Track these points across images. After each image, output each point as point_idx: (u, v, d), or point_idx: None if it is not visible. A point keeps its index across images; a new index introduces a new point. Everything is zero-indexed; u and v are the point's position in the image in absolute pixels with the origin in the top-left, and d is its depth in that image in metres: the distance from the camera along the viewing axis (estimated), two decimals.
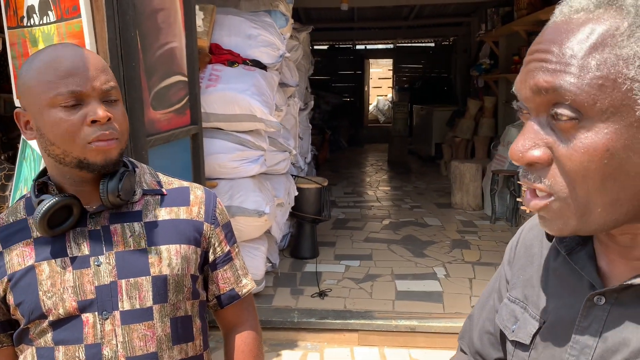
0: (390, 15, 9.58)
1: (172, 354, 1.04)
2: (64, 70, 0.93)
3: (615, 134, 0.55)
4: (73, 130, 0.93)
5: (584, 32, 0.55)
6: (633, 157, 0.55)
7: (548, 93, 0.57)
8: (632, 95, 0.54)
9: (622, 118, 0.54)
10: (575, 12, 0.57)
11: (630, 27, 0.54)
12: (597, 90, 0.54)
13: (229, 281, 1.15)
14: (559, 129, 0.58)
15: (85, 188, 1.02)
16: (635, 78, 0.53)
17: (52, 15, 2.21)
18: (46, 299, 0.98)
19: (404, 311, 3.49)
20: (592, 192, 0.57)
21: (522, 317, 0.76)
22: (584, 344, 0.64)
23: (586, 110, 0.55)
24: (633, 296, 0.61)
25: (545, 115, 0.59)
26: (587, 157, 0.56)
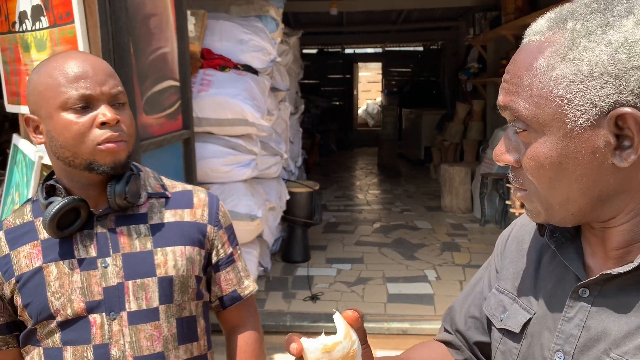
0: (379, 20, 9.65)
1: (178, 353, 1.07)
2: (74, 74, 0.96)
3: (553, 143, 0.63)
4: (83, 131, 0.96)
5: (532, 54, 0.64)
6: (570, 164, 0.62)
7: (506, 109, 0.67)
8: (562, 111, 0.61)
9: (557, 130, 0.62)
10: (533, 34, 0.65)
11: (564, 49, 0.61)
12: (535, 107, 0.63)
13: (231, 283, 1.18)
14: (519, 137, 0.67)
15: (92, 191, 1.04)
16: (564, 96, 0.61)
17: (45, 21, 2.21)
18: (54, 300, 1.00)
19: (395, 314, 3.52)
20: (546, 191, 0.66)
21: (512, 308, 0.79)
22: (569, 334, 0.68)
23: (530, 123, 0.64)
24: (615, 288, 0.65)
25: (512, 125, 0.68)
26: (534, 163, 0.65)
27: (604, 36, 0.58)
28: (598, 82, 0.58)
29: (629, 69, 0.57)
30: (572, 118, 0.60)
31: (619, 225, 0.66)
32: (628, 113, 0.58)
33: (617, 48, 0.58)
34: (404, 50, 12.96)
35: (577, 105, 0.60)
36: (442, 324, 1.01)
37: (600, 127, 0.60)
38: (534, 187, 0.67)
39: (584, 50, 0.59)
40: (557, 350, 0.69)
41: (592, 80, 0.59)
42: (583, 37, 0.59)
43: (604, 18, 0.59)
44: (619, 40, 0.58)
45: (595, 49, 0.58)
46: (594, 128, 0.60)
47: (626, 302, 0.63)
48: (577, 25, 0.60)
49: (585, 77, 0.59)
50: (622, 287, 0.64)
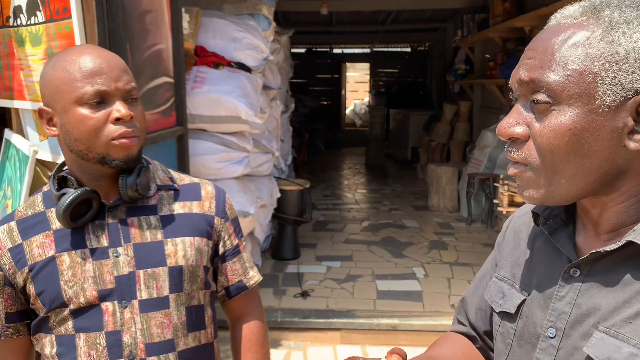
0: (368, 20, 9.71)
1: (187, 340, 1.09)
2: (90, 70, 0.98)
3: (577, 117, 0.66)
4: (98, 126, 0.99)
5: (566, 34, 0.67)
6: (590, 139, 0.66)
7: (528, 85, 0.69)
8: (594, 87, 0.65)
9: (584, 105, 0.65)
10: (564, 18, 0.69)
11: (602, 33, 0.65)
12: (566, 79, 0.65)
13: (237, 273, 1.21)
14: (536, 111, 0.69)
15: (104, 183, 1.07)
16: (598, 73, 0.64)
17: (40, 16, 2.21)
18: (67, 289, 1.02)
19: (385, 310, 3.56)
20: (557, 164, 0.68)
21: (509, 292, 0.84)
22: (561, 311, 0.73)
23: (557, 95, 0.66)
24: (604, 267, 0.70)
25: (528, 100, 0.71)
26: (554, 134, 0.67)
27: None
28: (631, 66, 0.63)
29: None
30: (601, 95, 0.64)
31: (613, 206, 0.71)
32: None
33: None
34: (392, 51, 13.03)
35: (608, 85, 0.64)
36: (455, 316, 1.05)
37: (623, 109, 0.64)
38: (540, 161, 0.69)
39: (622, 35, 0.63)
40: (550, 326, 0.74)
41: (626, 63, 0.63)
42: (622, 24, 0.64)
43: (639, 12, 0.64)
44: None
45: (632, 36, 0.63)
46: (617, 109, 0.64)
47: (614, 278, 0.68)
48: (615, 14, 0.65)
49: (620, 59, 0.63)
50: (610, 266, 0.69)
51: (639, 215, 0.69)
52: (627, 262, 0.68)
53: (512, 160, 0.73)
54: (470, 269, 4.31)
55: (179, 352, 1.08)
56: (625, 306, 0.66)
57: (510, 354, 0.81)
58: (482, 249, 4.80)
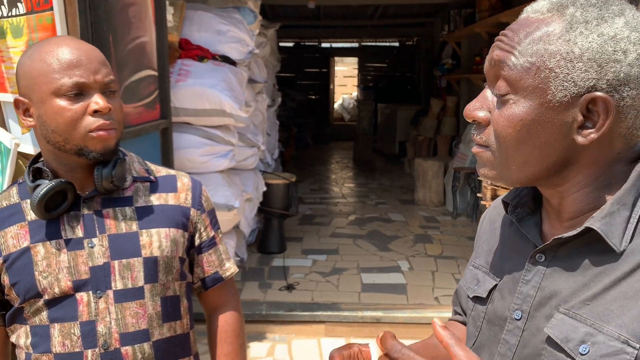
0: (356, 14, 9.70)
1: (162, 331, 1.11)
2: (68, 61, 0.98)
3: (530, 109, 0.70)
4: (76, 118, 0.99)
5: (531, 28, 0.70)
6: (539, 130, 0.70)
7: (496, 65, 0.73)
8: (547, 82, 0.68)
9: (537, 98, 0.69)
10: (533, 12, 0.73)
11: (561, 30, 0.68)
12: (524, 71, 0.69)
13: (213, 264, 1.22)
14: (498, 98, 0.73)
15: (80, 174, 1.07)
16: (553, 69, 0.68)
17: (21, 7, 2.19)
18: (42, 279, 1.03)
19: (369, 303, 3.59)
20: (509, 151, 0.73)
21: (483, 279, 0.88)
22: (526, 294, 0.77)
23: (514, 85, 0.70)
24: (567, 252, 0.73)
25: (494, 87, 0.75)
26: (507, 123, 0.71)
27: (598, 27, 0.66)
28: (585, 65, 0.66)
29: (611, 60, 0.66)
30: (553, 90, 0.68)
31: (569, 195, 0.74)
32: (600, 97, 0.66)
33: (606, 40, 0.66)
34: (380, 45, 13.05)
35: (561, 81, 0.67)
36: (452, 307, 1.08)
37: (573, 105, 0.68)
38: (497, 146, 0.74)
39: (579, 35, 0.66)
40: (516, 309, 0.77)
41: (580, 62, 0.66)
42: (581, 24, 0.67)
43: (600, 12, 0.67)
44: (609, 34, 0.66)
45: (589, 36, 0.66)
46: (568, 104, 0.68)
47: (575, 263, 0.72)
48: (577, 12, 0.67)
49: (575, 57, 0.66)
50: (572, 251, 0.73)
51: (596, 202, 0.73)
52: (587, 247, 0.71)
53: (475, 141, 0.77)
54: (454, 262, 4.36)
55: (153, 341, 1.09)
56: (584, 289, 0.70)
57: (480, 335, 0.85)
58: (467, 242, 4.84)
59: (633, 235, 0.68)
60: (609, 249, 0.68)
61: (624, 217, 0.69)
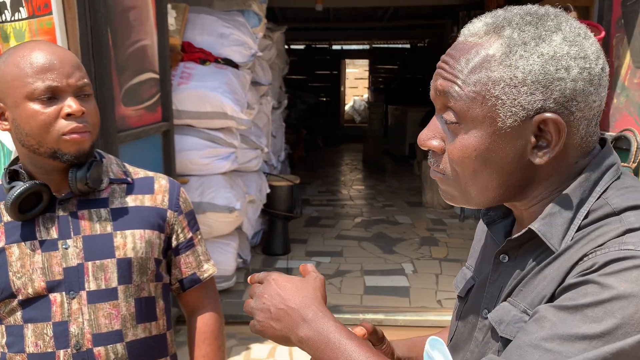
0: (366, 16, 9.69)
1: (136, 331, 1.12)
2: (41, 66, 1.00)
3: (482, 138, 0.69)
4: (49, 122, 1.01)
5: (470, 54, 0.69)
6: (494, 157, 0.70)
7: (442, 95, 0.72)
8: (495, 110, 0.68)
9: (487, 126, 0.69)
10: (470, 35, 0.71)
11: (501, 56, 0.67)
12: (471, 101, 0.69)
13: (190, 266, 1.23)
14: (448, 128, 0.73)
15: (56, 176, 1.09)
16: (499, 97, 0.67)
17: (23, 12, 2.24)
18: (16, 279, 1.05)
19: (371, 305, 3.59)
20: (467, 179, 0.73)
21: (467, 279, 0.90)
22: (492, 294, 0.79)
23: (463, 116, 0.70)
24: (523, 254, 0.75)
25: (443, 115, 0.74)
26: (461, 153, 0.71)
27: (537, 48, 0.66)
28: (529, 88, 0.66)
29: (555, 79, 0.65)
30: (502, 117, 0.67)
31: (528, 208, 0.75)
32: (550, 118, 0.66)
33: (547, 60, 0.65)
34: (391, 47, 13.03)
35: (509, 107, 0.67)
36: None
37: (524, 128, 0.68)
38: (455, 174, 0.74)
39: (519, 59, 0.66)
40: (484, 308, 0.79)
41: (525, 86, 0.66)
42: (519, 46, 0.66)
43: (537, 31, 0.66)
44: (549, 54, 0.65)
45: (529, 58, 0.66)
46: (519, 128, 0.68)
47: (525, 261, 0.74)
48: (514, 34, 0.67)
49: (519, 82, 0.66)
50: (526, 252, 0.74)
51: None
52: (536, 248, 0.73)
53: (433, 169, 0.77)
54: (459, 265, 4.33)
55: (127, 342, 1.10)
56: (522, 279, 0.72)
57: (456, 332, 0.87)
58: None
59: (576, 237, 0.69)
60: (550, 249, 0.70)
61: (566, 218, 0.69)
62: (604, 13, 2.42)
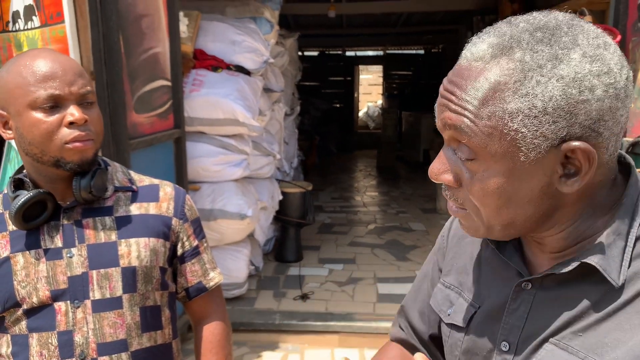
0: (379, 22, 9.69)
1: (141, 341, 1.11)
2: (43, 74, 1.00)
3: (504, 175, 0.64)
4: (51, 130, 1.00)
5: (479, 82, 0.62)
6: (519, 192, 0.64)
7: (452, 129, 0.65)
8: (515, 144, 0.61)
9: (509, 162, 0.63)
10: (475, 60, 0.64)
11: (515, 83, 0.60)
12: (487, 137, 0.62)
13: (196, 274, 1.22)
14: (463, 165, 0.67)
15: (60, 185, 1.08)
16: (519, 130, 0.61)
17: (36, 21, 2.26)
18: (20, 289, 1.04)
19: (384, 313, 3.54)
20: (490, 215, 0.68)
21: (457, 302, 0.83)
22: (513, 325, 0.72)
23: (479, 152, 0.64)
24: (554, 282, 0.69)
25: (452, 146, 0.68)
26: (483, 192, 0.66)
27: (555, 70, 0.59)
28: (551, 116, 0.59)
29: (578, 102, 0.59)
30: (525, 151, 0.61)
31: (556, 234, 0.70)
32: (579, 148, 0.60)
33: (568, 83, 0.59)
34: (405, 53, 12.99)
35: (530, 139, 0.61)
36: (396, 320, 1.02)
37: (549, 159, 0.62)
38: (477, 211, 0.68)
39: (536, 85, 0.59)
40: (503, 340, 0.73)
41: (546, 115, 0.59)
42: (535, 70, 0.59)
43: (552, 50, 0.59)
44: (570, 75, 0.59)
45: (547, 84, 0.59)
46: (543, 160, 0.62)
47: (565, 293, 0.68)
48: (526, 56, 0.60)
49: (539, 112, 0.59)
50: (560, 282, 0.68)
51: (581, 236, 0.68)
52: (579, 279, 0.67)
53: (449, 202, 0.72)
54: None
55: (132, 352, 1.09)
56: (575, 320, 0.66)
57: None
58: None
59: (629, 264, 0.64)
60: (605, 279, 0.64)
61: (620, 247, 0.65)
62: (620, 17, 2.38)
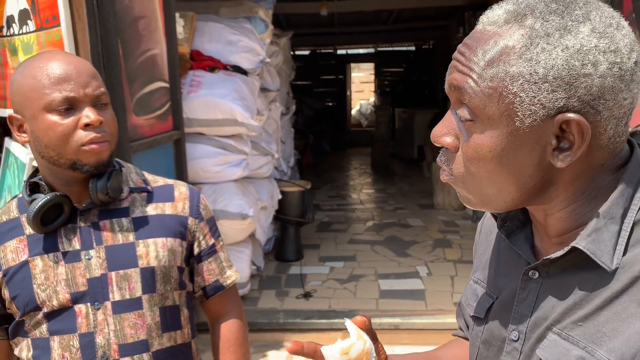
0: (370, 20, 9.70)
1: (162, 341, 1.10)
2: (58, 76, 0.99)
3: (498, 138, 0.64)
4: (67, 133, 0.99)
5: (488, 45, 0.63)
6: (511, 159, 0.65)
7: (456, 90, 0.67)
8: (513, 108, 0.62)
9: (504, 125, 0.63)
10: (489, 24, 0.65)
11: (521, 48, 0.61)
12: (487, 98, 0.63)
13: (213, 273, 1.22)
14: (463, 125, 0.67)
15: (76, 187, 1.08)
16: (517, 94, 0.61)
17: (31, 25, 2.24)
18: (40, 292, 1.04)
19: (387, 309, 3.56)
20: (482, 180, 0.68)
21: (481, 295, 0.84)
22: (522, 314, 0.72)
23: (478, 113, 0.65)
24: (559, 270, 0.69)
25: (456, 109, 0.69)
26: (476, 154, 0.66)
27: (562, 40, 0.60)
28: (551, 85, 0.60)
29: (580, 75, 0.59)
30: (520, 117, 0.62)
31: (555, 212, 0.69)
32: (573, 119, 0.60)
33: (573, 54, 0.59)
34: (397, 50, 13.01)
35: (527, 105, 0.61)
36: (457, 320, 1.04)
37: (544, 128, 0.62)
38: (470, 175, 0.68)
39: (541, 52, 0.60)
40: (513, 329, 0.73)
41: (546, 82, 0.60)
42: (541, 37, 0.60)
43: (562, 21, 0.60)
44: (575, 47, 0.59)
45: (552, 52, 0.59)
46: (538, 128, 0.62)
47: (566, 282, 0.68)
48: (537, 24, 0.61)
49: (539, 78, 0.60)
50: (564, 269, 0.68)
51: (584, 218, 0.67)
52: (577, 266, 0.67)
53: (442, 168, 0.72)
54: None
55: (153, 352, 1.09)
56: (575, 309, 0.66)
57: (478, 357, 0.81)
58: None
59: (625, 250, 0.63)
60: (599, 265, 0.64)
61: (613, 231, 0.64)
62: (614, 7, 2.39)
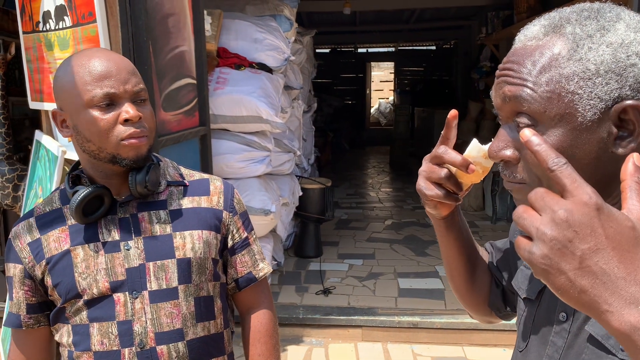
0: (392, 19, 9.68)
1: (196, 330, 1.14)
2: (99, 73, 1.03)
3: (563, 136, 0.68)
4: (108, 128, 1.04)
5: (535, 56, 0.69)
6: (578, 154, 0.68)
7: (511, 101, 0.71)
8: (573, 105, 0.67)
9: (567, 123, 0.68)
10: (528, 40, 0.72)
11: (569, 51, 0.67)
12: (546, 101, 0.68)
13: (246, 265, 1.25)
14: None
15: (115, 180, 1.12)
16: (575, 92, 0.67)
17: (68, 21, 2.30)
18: (81, 280, 1.08)
19: (406, 308, 3.57)
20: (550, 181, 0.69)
21: (534, 280, 0.88)
22: None
23: (539, 117, 0.69)
24: None
25: (511, 122, 0.74)
26: None
27: (604, 38, 0.66)
28: (604, 78, 0.65)
29: (627, 66, 0.65)
30: (582, 112, 0.66)
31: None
32: (630, 105, 0.65)
33: (617, 48, 0.65)
34: (417, 49, 12.96)
35: (586, 100, 0.66)
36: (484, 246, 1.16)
37: (604, 120, 0.67)
38: (537, 181, 0.71)
39: (588, 51, 0.66)
40: (562, 311, 0.77)
41: (599, 77, 0.65)
42: (585, 39, 0.66)
43: (599, 23, 0.67)
44: (617, 42, 0.65)
45: (598, 49, 0.66)
46: (599, 121, 0.67)
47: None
48: (577, 29, 0.67)
49: (592, 74, 0.66)
50: None
51: None
52: None
53: (507, 180, 0.76)
54: None
55: (187, 341, 1.12)
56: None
57: (532, 337, 0.85)
58: None
59: None
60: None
61: None
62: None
